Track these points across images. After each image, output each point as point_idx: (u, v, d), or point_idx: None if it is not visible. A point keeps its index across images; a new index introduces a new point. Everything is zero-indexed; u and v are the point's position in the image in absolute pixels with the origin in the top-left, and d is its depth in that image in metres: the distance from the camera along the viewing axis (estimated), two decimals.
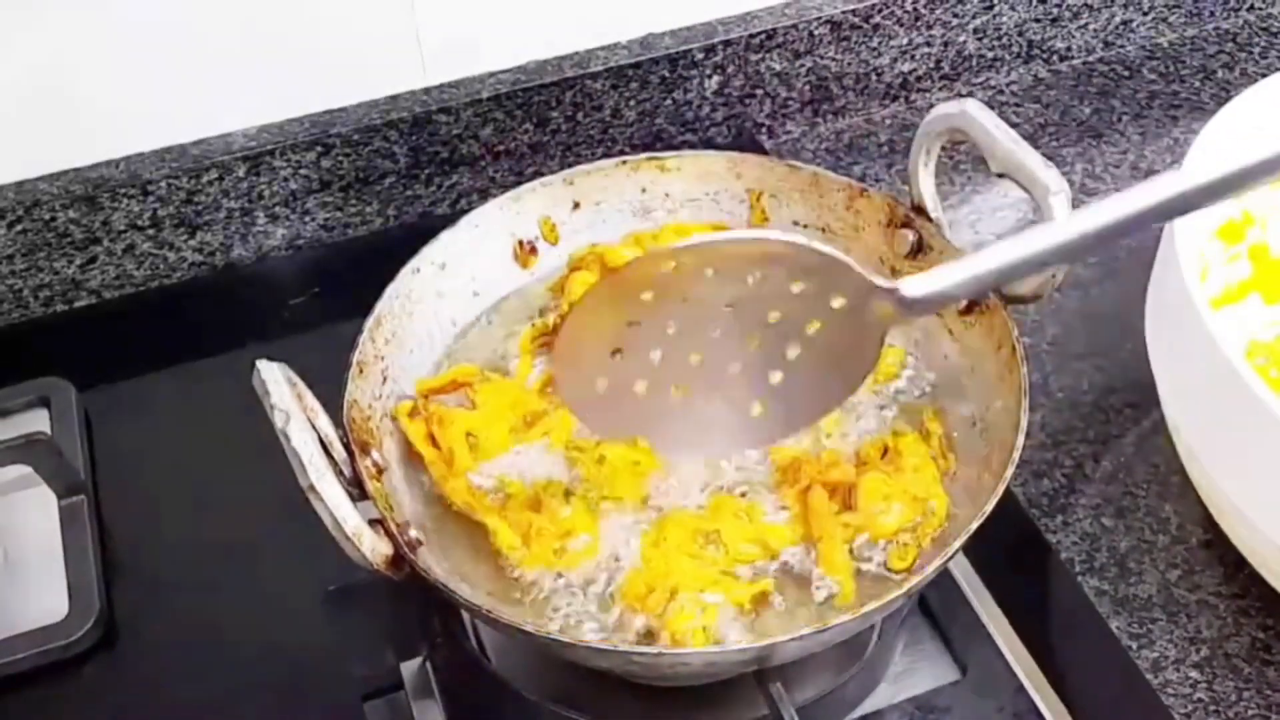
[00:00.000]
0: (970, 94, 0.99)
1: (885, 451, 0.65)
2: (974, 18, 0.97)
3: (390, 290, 0.69)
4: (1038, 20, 0.99)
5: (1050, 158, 0.65)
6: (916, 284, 0.54)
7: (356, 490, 0.60)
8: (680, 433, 0.60)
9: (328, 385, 0.63)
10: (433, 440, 0.66)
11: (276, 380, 0.57)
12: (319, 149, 0.85)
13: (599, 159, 0.75)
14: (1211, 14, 1.04)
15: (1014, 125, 0.66)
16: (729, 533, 0.62)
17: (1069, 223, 0.54)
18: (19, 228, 0.81)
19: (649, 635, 0.59)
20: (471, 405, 0.67)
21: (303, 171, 0.86)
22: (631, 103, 0.91)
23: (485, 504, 0.64)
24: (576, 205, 0.74)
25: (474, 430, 0.66)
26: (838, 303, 0.55)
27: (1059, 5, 0.99)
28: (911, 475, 0.63)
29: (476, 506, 0.63)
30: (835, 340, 0.56)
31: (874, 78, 0.97)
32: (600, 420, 0.61)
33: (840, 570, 0.61)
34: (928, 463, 0.64)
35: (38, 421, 0.76)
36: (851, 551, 0.62)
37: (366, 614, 0.70)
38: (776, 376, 0.58)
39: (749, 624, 0.60)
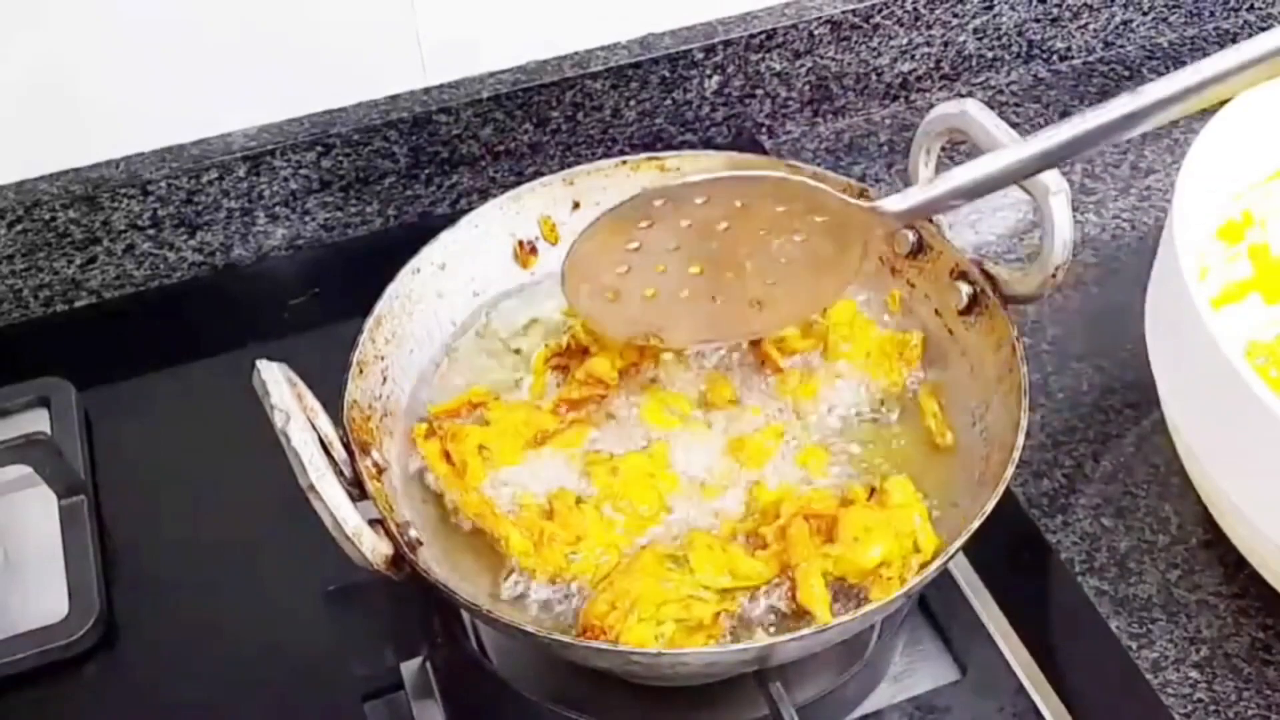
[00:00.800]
0: (970, 94, 0.99)
1: (872, 493, 0.63)
2: (974, 18, 0.97)
3: (390, 290, 0.69)
4: (1038, 20, 0.99)
5: None
6: (893, 202, 0.62)
7: (356, 490, 0.60)
8: (686, 327, 0.67)
9: (328, 385, 0.63)
10: (447, 458, 0.66)
11: (276, 380, 0.57)
12: (319, 149, 0.85)
13: (599, 159, 0.75)
14: (1211, 14, 1.04)
15: (1014, 125, 0.66)
16: (699, 559, 0.61)
17: (1031, 141, 0.62)
18: (19, 228, 0.81)
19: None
20: (485, 424, 0.67)
21: (303, 171, 0.86)
22: (631, 103, 0.91)
23: (497, 515, 0.64)
24: (576, 205, 0.74)
25: (487, 443, 0.66)
26: (820, 218, 0.62)
27: (1059, 5, 0.99)
28: (897, 511, 0.62)
29: (488, 518, 0.63)
30: (821, 247, 0.63)
31: (874, 78, 0.97)
32: (613, 323, 0.65)
33: (816, 600, 0.59)
34: (915, 502, 0.62)
35: (38, 421, 0.76)
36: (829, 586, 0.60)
37: (366, 614, 0.70)
38: (769, 278, 0.64)
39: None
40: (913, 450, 0.67)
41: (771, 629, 0.60)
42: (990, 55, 0.99)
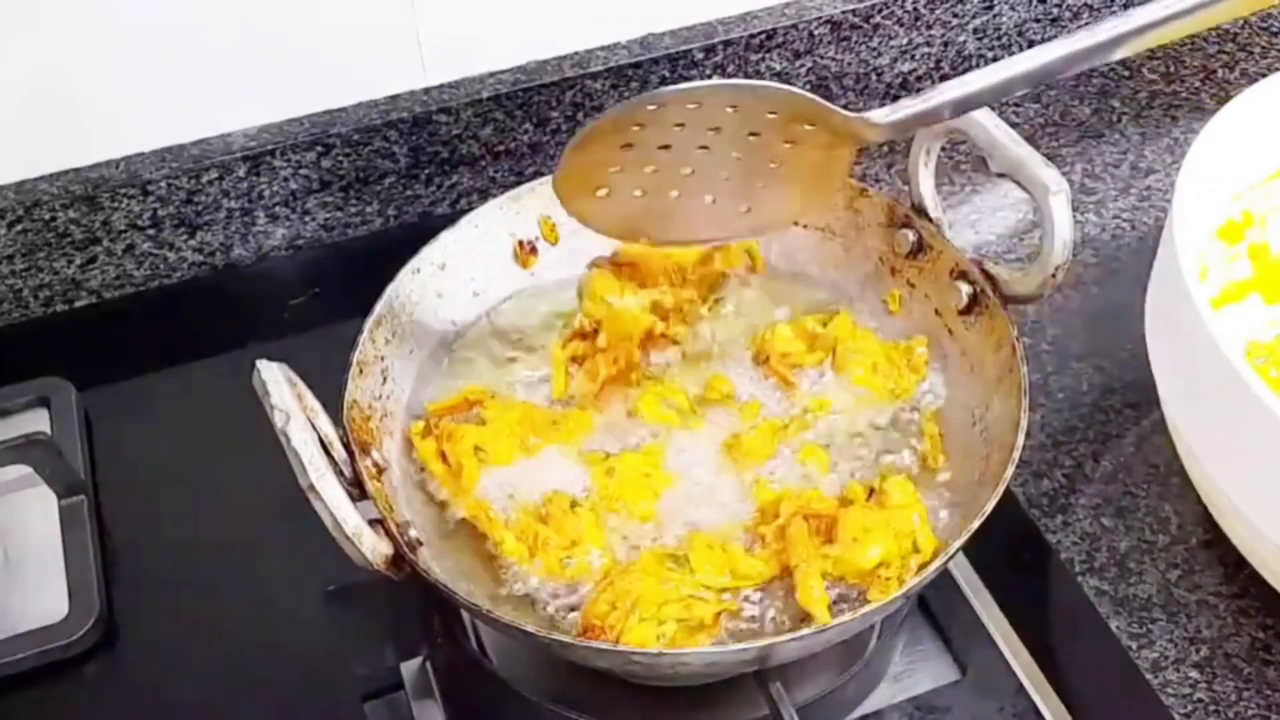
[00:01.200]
0: None
1: (871, 493, 0.63)
2: (974, 18, 0.97)
3: (390, 290, 0.69)
4: (1038, 20, 0.99)
5: (1050, 158, 0.65)
6: (881, 113, 0.62)
7: (356, 490, 0.60)
8: (677, 227, 0.66)
9: (328, 385, 0.63)
10: (443, 457, 0.66)
11: (276, 380, 0.57)
12: (319, 149, 0.85)
13: None
14: None
15: (1014, 125, 0.66)
16: (699, 559, 0.61)
17: (1012, 62, 0.61)
18: (19, 228, 0.81)
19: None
20: (481, 423, 0.67)
21: (303, 171, 0.86)
22: None
23: (492, 517, 0.64)
24: None
25: (482, 444, 0.66)
26: (809, 126, 0.62)
27: (1059, 5, 0.99)
28: (897, 512, 0.61)
29: (484, 520, 0.63)
30: (810, 154, 0.63)
31: (874, 78, 0.97)
32: (603, 220, 0.65)
33: (815, 601, 0.59)
34: (915, 502, 0.62)
35: (38, 421, 0.76)
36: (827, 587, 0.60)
37: (366, 614, 0.70)
38: (759, 183, 0.64)
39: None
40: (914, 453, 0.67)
41: (771, 629, 0.60)
42: (990, 55, 0.99)
